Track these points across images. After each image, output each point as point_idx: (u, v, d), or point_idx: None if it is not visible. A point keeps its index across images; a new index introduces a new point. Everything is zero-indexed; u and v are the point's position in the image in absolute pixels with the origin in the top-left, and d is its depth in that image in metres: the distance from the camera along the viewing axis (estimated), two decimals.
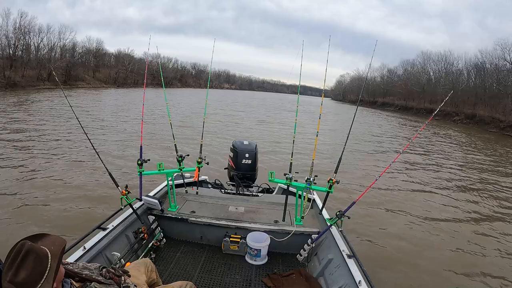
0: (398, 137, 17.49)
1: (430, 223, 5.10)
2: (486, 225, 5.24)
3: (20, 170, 5.98)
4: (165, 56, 74.84)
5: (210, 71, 64.61)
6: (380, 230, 4.67)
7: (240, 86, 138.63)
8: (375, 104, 50.76)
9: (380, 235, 4.51)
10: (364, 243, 4.18)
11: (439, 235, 4.71)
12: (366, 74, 62.17)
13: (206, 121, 3.36)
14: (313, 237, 2.61)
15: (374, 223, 4.88)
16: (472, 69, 36.28)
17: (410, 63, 49.06)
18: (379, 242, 4.30)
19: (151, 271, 1.77)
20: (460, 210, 5.86)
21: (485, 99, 31.34)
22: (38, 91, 26.60)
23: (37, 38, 36.14)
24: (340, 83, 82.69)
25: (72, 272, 1.16)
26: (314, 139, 2.75)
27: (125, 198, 2.43)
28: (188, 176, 3.45)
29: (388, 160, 9.17)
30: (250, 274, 2.49)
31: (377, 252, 4.00)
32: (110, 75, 50.41)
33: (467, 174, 9.23)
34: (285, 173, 2.68)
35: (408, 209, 5.65)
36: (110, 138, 9.85)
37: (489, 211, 5.97)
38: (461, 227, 5.08)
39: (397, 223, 5.02)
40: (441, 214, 5.55)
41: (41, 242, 0.97)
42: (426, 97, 40.41)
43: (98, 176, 5.73)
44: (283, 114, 25.52)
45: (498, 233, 4.87)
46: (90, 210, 4.49)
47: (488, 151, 14.90)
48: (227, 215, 2.87)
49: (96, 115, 14.79)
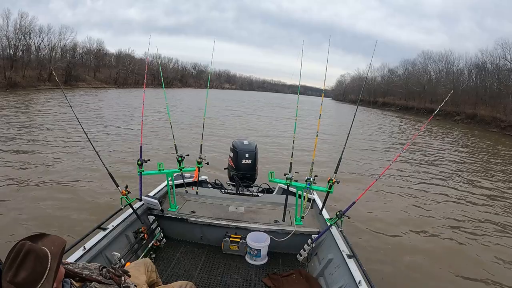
0: (398, 137, 17.48)
1: (430, 223, 5.09)
2: (487, 226, 5.23)
3: (20, 170, 5.99)
4: (166, 57, 75.08)
5: (210, 71, 64.53)
6: (380, 230, 4.66)
7: (241, 86, 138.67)
8: (375, 104, 50.71)
9: (380, 235, 4.50)
10: (364, 243, 4.17)
11: (440, 235, 4.70)
12: (366, 74, 62.19)
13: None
14: (313, 237, 2.61)
15: (374, 223, 4.88)
16: (473, 68, 36.28)
17: (410, 63, 49.18)
18: (379, 242, 4.29)
19: (151, 271, 1.77)
20: (461, 210, 5.85)
21: (486, 99, 31.32)
22: (38, 92, 26.66)
23: (38, 38, 36.34)
24: (341, 83, 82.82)
25: (72, 272, 1.16)
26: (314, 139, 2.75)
27: (125, 198, 2.43)
28: (188, 176, 3.44)
29: (388, 160, 9.16)
30: (250, 274, 2.49)
31: (377, 252, 4.00)
32: (110, 76, 50.46)
33: (467, 174, 9.22)
34: (285, 173, 2.68)
35: (408, 209, 5.65)
36: (111, 138, 9.86)
37: (491, 213, 5.96)
38: (462, 227, 5.07)
39: (397, 223, 5.01)
40: (441, 213, 5.54)
41: (41, 242, 0.97)
42: (427, 97, 40.37)
43: (98, 176, 5.73)
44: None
45: (498, 238, 4.84)
46: (90, 210, 4.49)
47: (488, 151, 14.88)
48: (227, 215, 2.87)
49: (96, 115, 14.80)
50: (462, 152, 13.70)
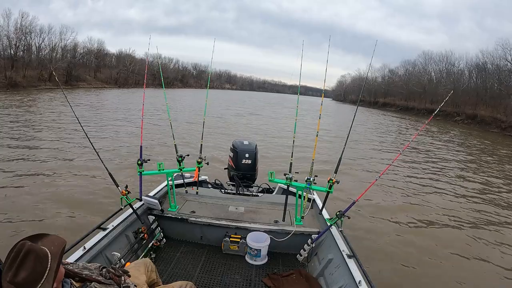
0: (398, 137, 17.48)
1: (431, 223, 5.09)
2: (487, 226, 5.22)
3: (20, 170, 5.99)
4: (167, 57, 75.08)
5: (211, 71, 64.57)
6: (380, 230, 4.66)
7: (241, 86, 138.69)
8: (376, 105, 50.69)
9: (380, 235, 4.50)
10: (364, 243, 4.17)
11: (439, 235, 4.70)
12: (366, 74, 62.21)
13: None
14: (313, 237, 2.61)
15: (374, 223, 4.88)
16: (474, 69, 36.27)
17: (411, 63, 49.15)
18: (379, 242, 4.29)
19: (151, 271, 1.78)
20: (460, 210, 5.85)
21: (486, 99, 31.28)
22: (39, 92, 26.67)
23: (39, 38, 36.38)
24: (341, 83, 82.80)
25: (72, 272, 1.16)
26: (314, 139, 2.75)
27: (125, 198, 2.43)
28: (188, 176, 3.45)
29: (388, 160, 9.16)
30: (250, 274, 2.49)
31: (377, 252, 3.99)
32: (111, 76, 50.47)
33: (467, 173, 9.20)
34: (285, 173, 2.68)
35: (408, 209, 5.64)
36: (111, 138, 9.86)
37: (493, 214, 5.95)
38: (461, 227, 5.06)
39: (397, 223, 5.00)
40: (441, 213, 5.54)
41: (41, 242, 0.97)
42: (428, 97, 40.34)
43: (98, 176, 5.73)
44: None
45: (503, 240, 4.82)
46: (90, 210, 4.49)
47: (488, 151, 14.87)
48: (227, 215, 2.87)
49: (96, 115, 14.81)
50: (462, 151, 13.68)
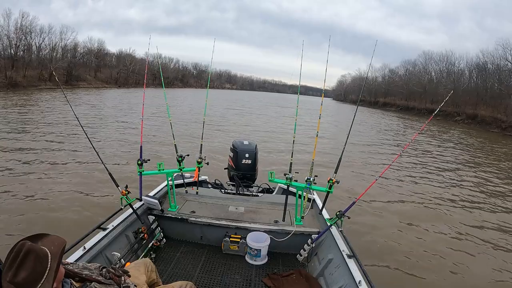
0: (398, 137, 17.47)
1: (431, 223, 5.08)
2: (489, 224, 5.22)
3: (20, 170, 5.99)
4: (167, 57, 75.11)
5: (211, 71, 64.53)
6: (380, 230, 4.66)
7: (241, 86, 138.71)
8: (376, 104, 50.67)
9: (380, 235, 4.50)
10: (364, 243, 4.17)
11: (440, 235, 4.70)
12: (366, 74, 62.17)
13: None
14: (313, 237, 2.61)
15: (374, 223, 4.88)
16: (474, 69, 36.26)
17: (411, 63, 49.14)
18: (380, 242, 4.29)
19: (151, 271, 1.77)
20: (461, 209, 5.85)
21: (487, 99, 31.27)
22: (39, 91, 26.69)
23: (39, 38, 36.38)
24: (341, 83, 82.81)
25: (72, 272, 1.16)
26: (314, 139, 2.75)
27: (125, 198, 2.43)
28: (188, 176, 3.44)
29: (388, 160, 9.15)
30: (250, 274, 2.49)
31: (377, 252, 3.99)
32: (111, 75, 50.49)
33: (468, 173, 9.20)
34: (285, 173, 2.68)
35: (408, 209, 5.64)
36: (111, 138, 9.86)
37: (494, 211, 5.95)
38: (461, 227, 5.06)
39: (397, 223, 5.00)
40: (441, 213, 5.54)
41: (41, 242, 0.97)
42: (428, 97, 40.32)
43: (98, 176, 5.74)
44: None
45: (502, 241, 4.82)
46: (90, 210, 4.49)
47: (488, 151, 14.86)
48: (227, 215, 2.87)
49: (96, 115, 14.82)
50: (462, 151, 13.67)
